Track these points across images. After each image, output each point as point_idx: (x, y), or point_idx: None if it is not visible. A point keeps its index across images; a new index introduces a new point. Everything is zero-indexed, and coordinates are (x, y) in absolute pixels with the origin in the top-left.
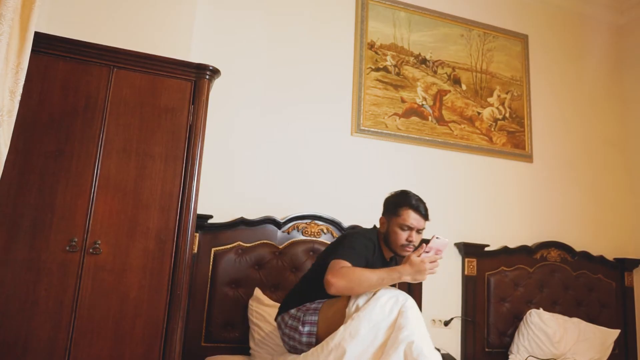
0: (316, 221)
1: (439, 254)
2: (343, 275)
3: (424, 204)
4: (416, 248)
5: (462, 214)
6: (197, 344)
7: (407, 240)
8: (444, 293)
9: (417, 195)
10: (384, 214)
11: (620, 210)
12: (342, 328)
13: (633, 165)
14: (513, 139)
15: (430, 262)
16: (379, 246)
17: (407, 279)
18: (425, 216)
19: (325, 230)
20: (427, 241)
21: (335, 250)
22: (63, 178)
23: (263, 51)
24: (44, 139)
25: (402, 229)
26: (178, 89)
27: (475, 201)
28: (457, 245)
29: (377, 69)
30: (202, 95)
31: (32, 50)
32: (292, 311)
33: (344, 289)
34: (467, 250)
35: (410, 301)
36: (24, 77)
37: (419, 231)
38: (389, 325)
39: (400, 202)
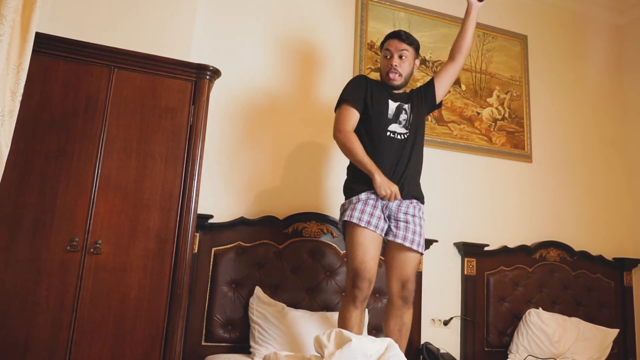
0: (316, 221)
1: None
2: (346, 138)
3: (405, 32)
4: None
5: (462, 213)
6: (197, 343)
7: (390, 65)
8: (444, 293)
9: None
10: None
11: (619, 210)
12: None
13: (632, 165)
14: (512, 139)
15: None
16: (378, 81)
17: (377, 180)
18: (403, 39)
19: (325, 230)
20: None
21: (339, 98)
22: (64, 178)
23: (263, 51)
24: (44, 139)
25: (385, 56)
26: (178, 90)
27: (475, 201)
28: (457, 245)
29: (377, 70)
30: (202, 96)
31: (33, 51)
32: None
33: (341, 146)
34: (467, 250)
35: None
36: (25, 78)
37: (401, 57)
38: None
39: (386, 37)
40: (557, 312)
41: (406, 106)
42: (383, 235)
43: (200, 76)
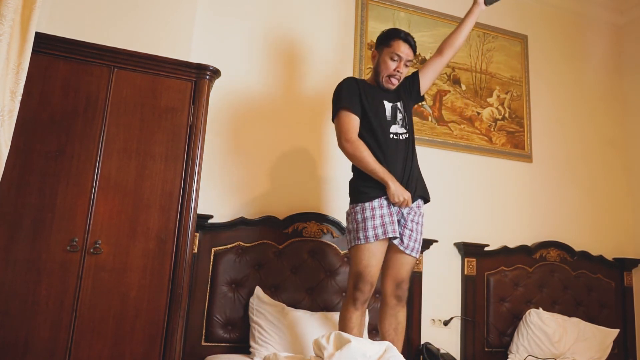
0: (316, 221)
1: None
2: (354, 147)
3: (413, 37)
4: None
5: (462, 214)
6: (197, 343)
7: (395, 70)
8: (444, 293)
9: (406, 31)
10: (376, 47)
11: (619, 210)
12: None
13: (632, 165)
14: (512, 139)
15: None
16: (366, 82)
17: (392, 188)
18: (414, 48)
19: (325, 230)
20: None
21: (334, 106)
22: (64, 178)
23: (263, 51)
24: (44, 139)
25: (392, 59)
26: (178, 89)
27: (475, 201)
28: (457, 245)
29: None
30: (202, 96)
31: (33, 51)
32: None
33: (350, 156)
34: (467, 250)
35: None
36: (25, 77)
37: (407, 64)
38: None
39: (392, 34)
40: (557, 312)
41: (399, 104)
42: (394, 233)
43: (200, 76)
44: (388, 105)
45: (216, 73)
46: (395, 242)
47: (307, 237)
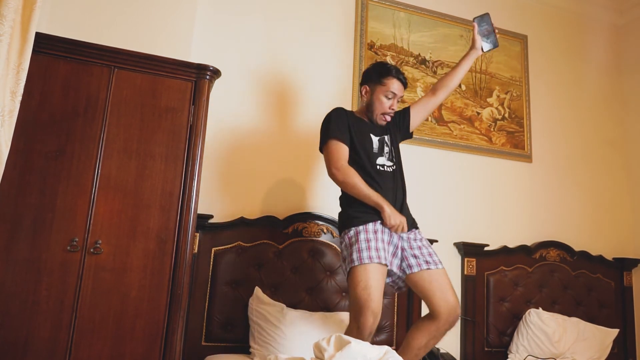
0: (316, 221)
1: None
2: (345, 174)
3: (403, 74)
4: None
5: (462, 214)
6: (197, 343)
7: (390, 108)
8: None
9: (395, 66)
10: (365, 83)
11: (619, 210)
12: None
13: (632, 165)
14: (512, 139)
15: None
16: (353, 115)
17: (387, 211)
18: (405, 85)
19: (325, 230)
20: None
21: (323, 136)
22: (64, 178)
23: (263, 51)
24: (44, 139)
25: (387, 97)
26: (178, 89)
27: (475, 201)
28: (457, 245)
29: None
30: (202, 96)
31: (33, 51)
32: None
33: (340, 184)
34: (467, 250)
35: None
36: (25, 78)
37: (398, 100)
38: None
39: (384, 72)
40: (557, 312)
41: (386, 137)
42: (389, 265)
43: (200, 76)
44: (375, 139)
45: (216, 73)
46: (415, 269)
47: (307, 237)
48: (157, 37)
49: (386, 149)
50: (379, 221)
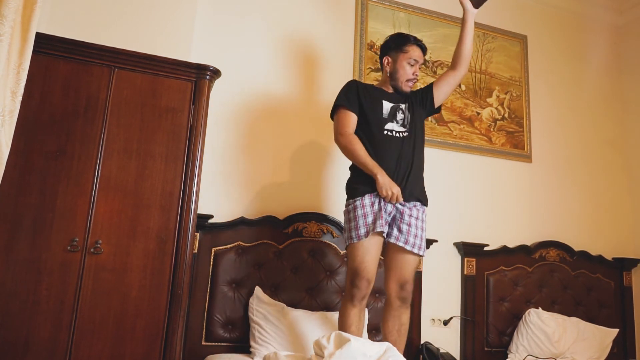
0: (316, 221)
1: None
2: (347, 141)
3: (421, 40)
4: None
5: (462, 213)
6: (197, 343)
7: (413, 74)
8: (444, 292)
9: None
10: (386, 54)
11: (619, 210)
12: None
13: (632, 165)
14: (512, 139)
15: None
16: (371, 85)
17: (380, 181)
18: (425, 50)
19: (325, 230)
20: None
21: (334, 104)
22: (64, 178)
23: (263, 51)
24: (45, 139)
25: (410, 64)
26: (178, 90)
27: (475, 201)
28: (457, 245)
29: (377, 70)
30: (202, 96)
31: (33, 51)
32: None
33: (342, 149)
34: (467, 250)
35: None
36: (25, 78)
37: (419, 66)
38: None
39: (404, 40)
40: (557, 312)
41: (403, 106)
42: (385, 235)
43: (200, 76)
44: (387, 105)
45: (216, 73)
46: (391, 239)
47: (307, 237)
48: (157, 37)
49: (399, 115)
50: (375, 192)
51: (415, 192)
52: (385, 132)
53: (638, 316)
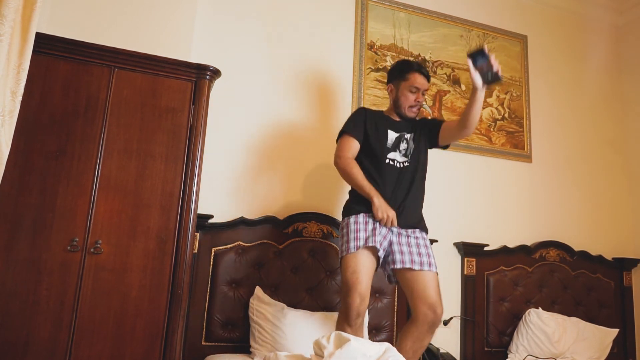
0: (316, 221)
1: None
2: (346, 164)
3: (425, 68)
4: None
5: (462, 213)
6: (197, 343)
7: (415, 101)
8: (444, 292)
9: (417, 61)
10: (390, 82)
11: (619, 210)
12: None
13: (632, 165)
14: (512, 139)
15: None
16: (380, 112)
17: (376, 203)
18: (428, 78)
19: (325, 230)
20: None
21: (340, 130)
22: (64, 178)
23: (263, 51)
24: (45, 139)
25: (411, 91)
26: (178, 90)
27: (475, 201)
28: (457, 244)
29: (377, 70)
30: (202, 96)
31: (33, 51)
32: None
33: (341, 172)
34: (467, 250)
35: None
36: (25, 78)
37: (424, 93)
38: None
39: (406, 68)
40: (557, 312)
41: (408, 135)
42: (381, 250)
43: (200, 76)
44: (392, 134)
45: (216, 73)
46: (398, 265)
47: (307, 237)
48: (157, 37)
49: (403, 145)
50: (370, 213)
51: (411, 220)
52: (387, 160)
53: (638, 316)
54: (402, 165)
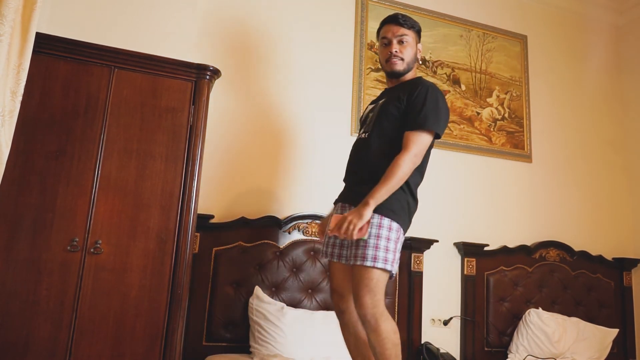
0: (317, 221)
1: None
2: (411, 169)
3: (402, 15)
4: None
5: (462, 213)
6: (198, 343)
7: (388, 52)
8: (444, 292)
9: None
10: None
11: (619, 210)
12: None
13: (632, 165)
14: (512, 139)
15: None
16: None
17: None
18: (402, 23)
19: None
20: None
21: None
22: (64, 178)
23: (263, 51)
24: (45, 139)
25: (384, 45)
26: (178, 90)
27: (475, 201)
28: (457, 245)
29: (377, 70)
30: (202, 96)
31: (33, 51)
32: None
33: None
34: (467, 250)
35: None
36: (25, 78)
37: (401, 42)
38: None
39: (380, 25)
40: (557, 312)
41: (382, 101)
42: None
43: (200, 76)
44: (369, 107)
45: (216, 73)
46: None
47: (308, 237)
48: (157, 37)
49: (370, 117)
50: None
51: (351, 195)
52: (357, 138)
53: (638, 316)
54: (363, 137)
